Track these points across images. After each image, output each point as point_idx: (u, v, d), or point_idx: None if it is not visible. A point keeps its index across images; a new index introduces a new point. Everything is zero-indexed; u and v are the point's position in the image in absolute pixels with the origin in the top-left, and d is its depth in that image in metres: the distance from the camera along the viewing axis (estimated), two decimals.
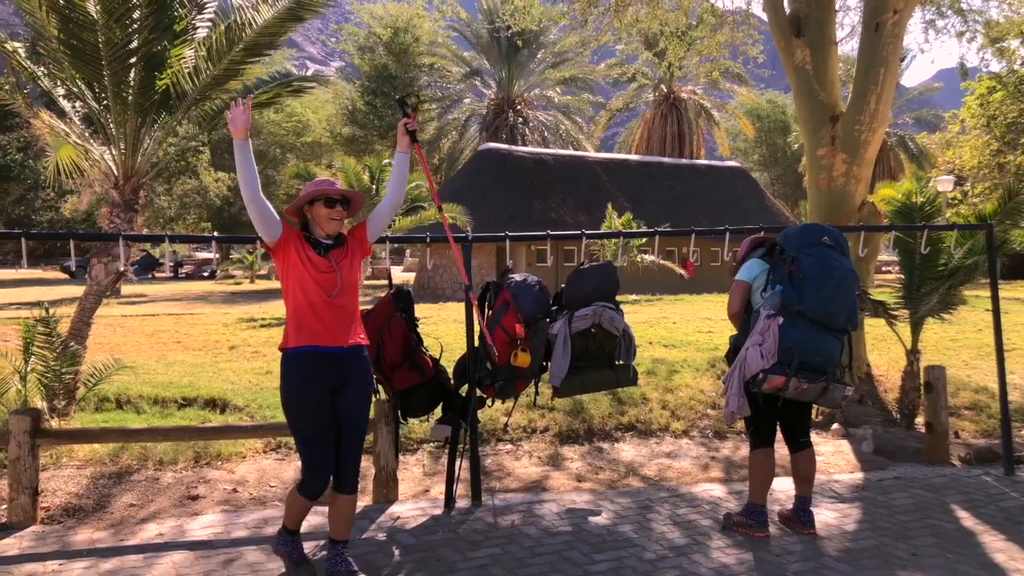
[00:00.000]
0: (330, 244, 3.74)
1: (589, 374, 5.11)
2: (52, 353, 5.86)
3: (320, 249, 3.69)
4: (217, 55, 6.25)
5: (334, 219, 3.74)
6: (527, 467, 6.02)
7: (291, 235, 3.72)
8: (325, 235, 3.76)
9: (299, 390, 3.64)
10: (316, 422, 3.65)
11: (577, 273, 5.14)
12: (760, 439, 4.54)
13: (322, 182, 3.78)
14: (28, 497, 4.60)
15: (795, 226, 4.58)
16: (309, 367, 3.63)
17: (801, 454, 4.60)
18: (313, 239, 3.73)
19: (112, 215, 6.35)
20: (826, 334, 4.22)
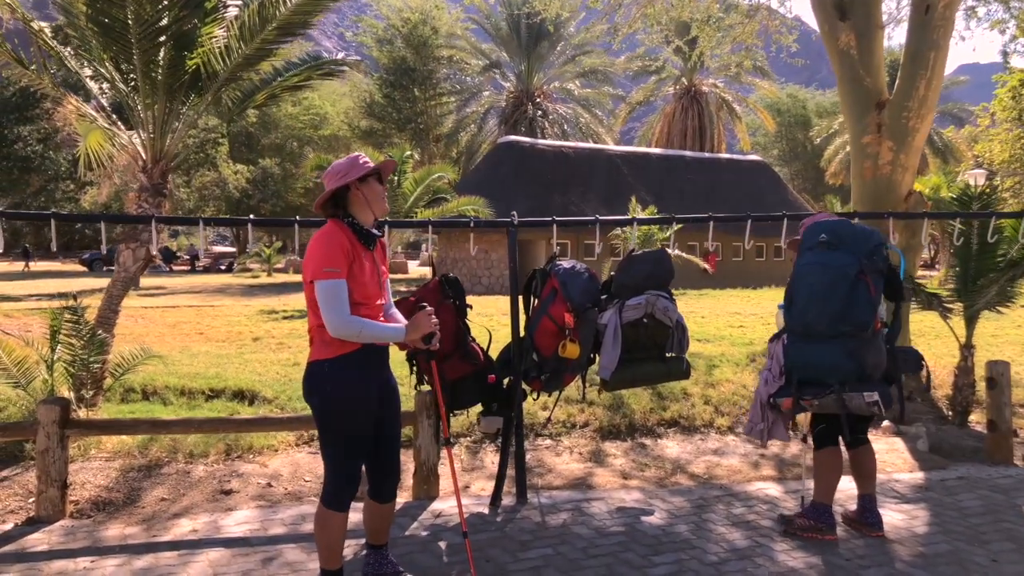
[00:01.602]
0: (376, 235, 3.32)
1: (640, 367, 4.86)
2: (80, 341, 5.67)
3: (370, 243, 3.28)
4: (249, 34, 6.03)
5: (384, 200, 3.33)
6: (569, 463, 5.78)
7: (352, 255, 3.18)
8: (373, 221, 3.34)
9: (354, 388, 3.23)
10: (366, 426, 3.32)
11: (629, 260, 4.89)
12: (825, 439, 4.28)
13: (356, 157, 3.30)
14: (57, 490, 4.41)
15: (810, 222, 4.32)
16: (367, 365, 3.27)
17: (860, 450, 4.36)
18: (363, 231, 3.26)
19: (140, 199, 6.16)
20: (818, 344, 3.95)
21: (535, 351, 4.79)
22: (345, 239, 3.18)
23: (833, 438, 4.27)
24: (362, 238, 3.24)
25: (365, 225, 3.28)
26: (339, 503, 3.30)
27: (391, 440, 3.49)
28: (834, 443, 4.27)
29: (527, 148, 29.28)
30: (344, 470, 3.30)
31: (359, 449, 3.33)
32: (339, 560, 3.35)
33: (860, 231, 4.11)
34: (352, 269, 3.14)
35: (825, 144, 43.92)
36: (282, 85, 6.94)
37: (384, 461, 3.49)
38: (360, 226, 3.26)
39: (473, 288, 26.87)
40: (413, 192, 18.05)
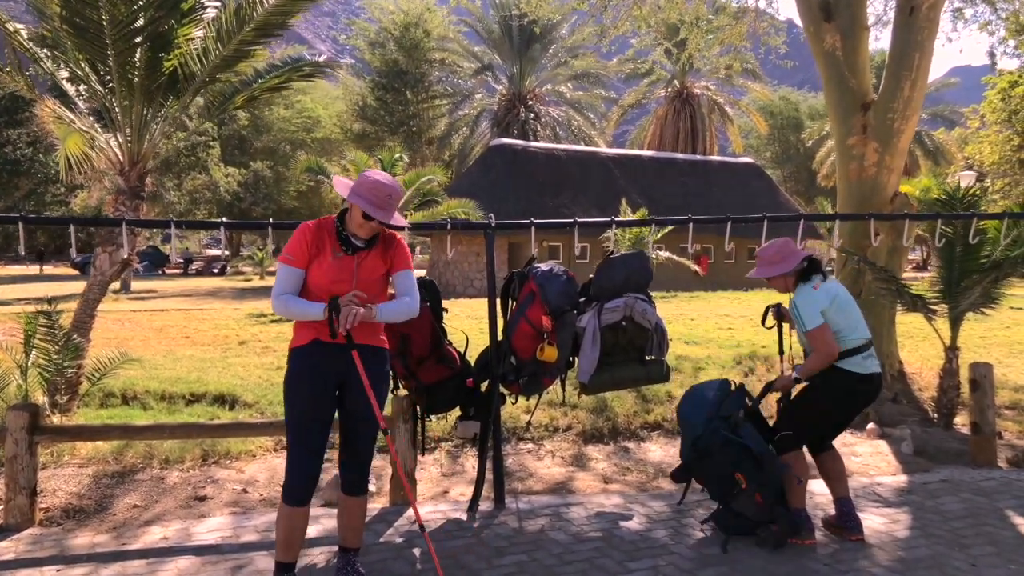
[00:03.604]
0: (360, 246, 3.45)
1: (619, 370, 4.82)
2: (54, 346, 5.60)
3: (348, 248, 3.43)
4: (227, 35, 5.97)
5: (366, 228, 3.41)
6: (550, 467, 5.73)
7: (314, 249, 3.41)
8: (365, 232, 3.44)
9: (297, 383, 3.42)
10: (311, 414, 3.40)
11: (607, 262, 4.85)
12: (789, 444, 4.25)
13: (374, 186, 3.35)
14: (26, 498, 4.34)
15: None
16: (313, 356, 3.41)
17: (827, 454, 4.36)
18: (344, 235, 3.45)
19: (118, 202, 6.10)
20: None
21: (513, 354, 4.73)
22: (316, 234, 3.43)
23: (798, 445, 4.25)
24: (341, 239, 3.43)
25: (350, 231, 3.44)
26: (289, 494, 3.39)
27: (355, 431, 3.53)
28: (797, 448, 4.25)
29: (519, 151, 29.22)
30: (293, 457, 3.39)
31: (305, 437, 3.39)
32: (290, 554, 3.45)
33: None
34: (313, 261, 3.39)
35: (817, 146, 44.01)
36: (262, 87, 6.88)
37: (348, 450, 3.55)
38: (340, 230, 3.46)
39: (466, 291, 26.78)
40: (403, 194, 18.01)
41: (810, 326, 4.19)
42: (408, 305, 3.49)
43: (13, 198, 36.15)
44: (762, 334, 11.33)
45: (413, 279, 3.55)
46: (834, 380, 4.17)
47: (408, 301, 3.49)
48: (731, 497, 4.28)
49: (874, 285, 7.42)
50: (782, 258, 4.40)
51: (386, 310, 3.41)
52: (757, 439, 4.32)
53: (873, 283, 7.45)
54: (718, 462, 4.29)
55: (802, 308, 4.24)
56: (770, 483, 4.19)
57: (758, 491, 4.18)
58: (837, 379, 4.17)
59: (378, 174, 3.42)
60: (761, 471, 4.19)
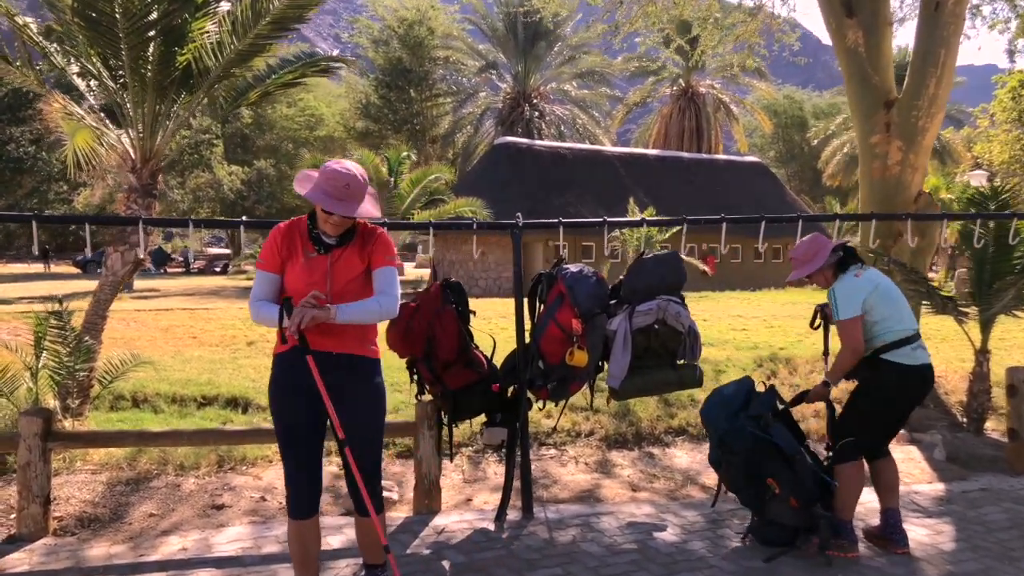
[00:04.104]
0: (332, 244, 3.17)
1: (651, 375, 4.66)
2: (65, 348, 5.44)
3: (320, 247, 3.16)
4: (242, 29, 5.80)
5: (336, 224, 3.13)
6: (575, 474, 5.57)
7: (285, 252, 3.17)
8: (328, 234, 3.18)
9: (276, 391, 3.23)
10: (293, 423, 3.19)
11: (639, 263, 4.68)
12: (852, 452, 4.06)
13: (331, 176, 3.04)
14: (39, 506, 4.18)
15: None
16: (288, 366, 3.17)
17: (882, 462, 4.17)
18: (316, 234, 3.19)
19: (129, 201, 5.93)
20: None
21: (541, 359, 4.58)
22: (287, 236, 3.21)
23: (860, 452, 4.06)
24: (313, 239, 3.19)
25: (321, 230, 3.18)
26: (289, 508, 3.24)
27: (342, 449, 3.21)
28: (859, 457, 4.06)
29: (524, 149, 29.06)
30: (287, 470, 3.24)
31: (292, 448, 3.20)
32: (308, 571, 3.27)
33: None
34: (287, 264, 3.18)
35: (823, 145, 43.80)
36: (276, 82, 6.72)
37: (347, 471, 3.29)
38: (312, 228, 3.22)
39: (471, 291, 26.32)
40: (410, 193, 17.85)
41: (843, 316, 4.04)
42: (377, 305, 3.10)
43: (16, 196, 36.00)
44: (778, 335, 11.18)
45: (392, 276, 3.18)
46: (885, 375, 3.99)
47: (379, 300, 3.11)
48: (764, 504, 4.13)
49: (903, 286, 7.25)
50: (813, 254, 4.25)
51: (348, 311, 3.03)
52: (788, 439, 4.16)
53: (902, 284, 7.28)
54: (746, 461, 4.13)
55: (840, 296, 4.09)
56: (804, 486, 4.03)
57: (792, 495, 4.03)
58: (888, 374, 3.99)
59: (338, 163, 3.12)
60: (793, 473, 4.04)
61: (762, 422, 4.21)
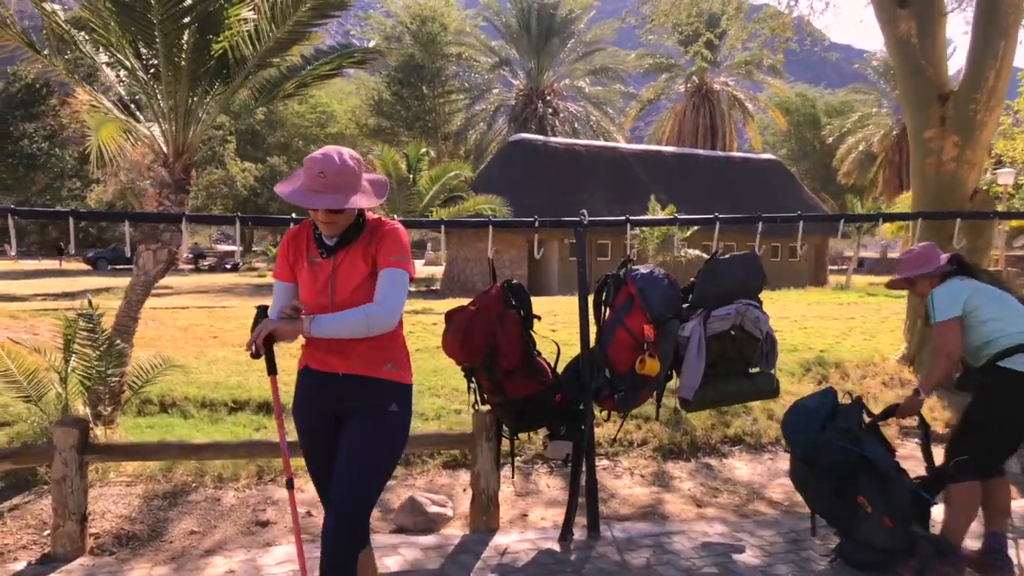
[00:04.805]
0: (332, 247, 2.77)
1: (725, 384, 4.36)
2: (96, 352, 5.15)
3: (324, 250, 2.78)
4: (281, 15, 5.50)
5: (325, 222, 2.70)
6: (632, 487, 5.27)
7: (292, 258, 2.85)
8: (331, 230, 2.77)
9: (295, 404, 2.94)
10: (312, 446, 2.91)
11: (714, 264, 4.38)
12: (971, 469, 3.74)
13: (306, 165, 2.65)
14: (76, 523, 3.90)
15: None
16: (307, 385, 2.87)
17: (998, 481, 3.85)
18: (319, 238, 2.81)
19: (162, 196, 5.65)
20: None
21: (608, 367, 4.28)
22: (294, 241, 2.89)
23: (975, 470, 3.74)
24: (318, 242, 2.82)
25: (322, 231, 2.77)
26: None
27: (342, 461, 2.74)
28: (974, 476, 3.74)
29: (539, 146, 28.77)
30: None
31: (311, 474, 2.97)
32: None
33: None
34: (297, 272, 2.86)
35: (837, 143, 43.39)
36: (312, 73, 6.42)
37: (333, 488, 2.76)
38: (316, 229, 2.82)
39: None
40: (429, 190, 17.54)
41: (939, 317, 3.77)
42: (363, 315, 2.62)
43: (29, 192, 35.85)
44: (814, 337, 10.84)
45: (393, 280, 2.67)
46: (1002, 384, 3.67)
47: (367, 310, 2.62)
48: (854, 524, 3.83)
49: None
50: (926, 260, 3.98)
51: (324, 323, 2.62)
52: (881, 453, 3.86)
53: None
54: (835, 479, 3.83)
55: (938, 298, 3.82)
56: (899, 504, 3.73)
57: (886, 514, 3.72)
58: (1005, 382, 3.66)
59: (320, 151, 2.70)
60: (887, 490, 3.73)
61: (851, 436, 3.91)
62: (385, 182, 2.82)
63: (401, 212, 17.53)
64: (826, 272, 31.89)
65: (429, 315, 15.00)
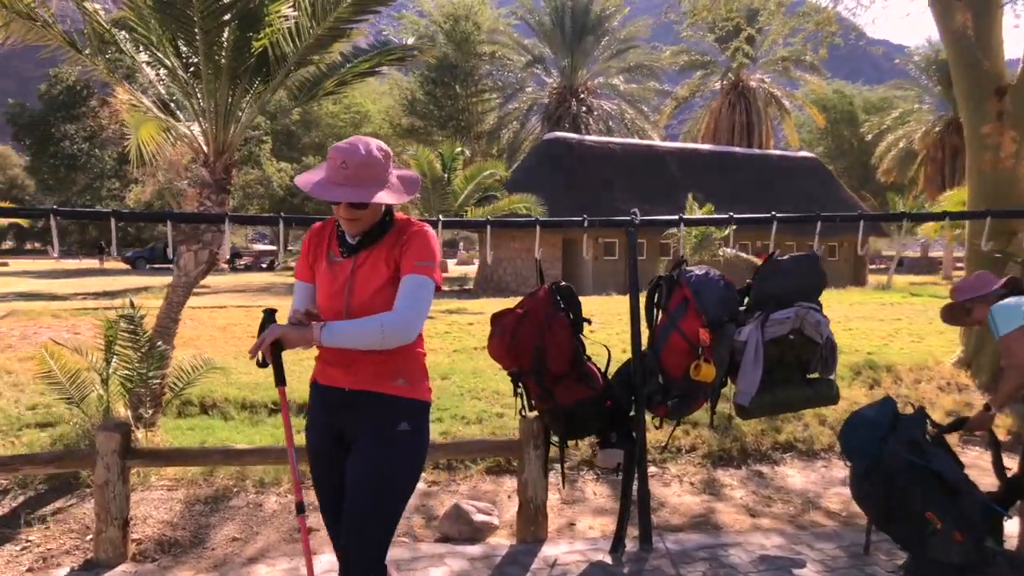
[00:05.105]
0: (354, 245, 2.52)
1: (783, 391, 4.17)
2: (137, 353, 5.10)
3: (345, 249, 2.54)
4: (322, 11, 5.42)
5: (347, 218, 2.46)
6: (681, 496, 5.10)
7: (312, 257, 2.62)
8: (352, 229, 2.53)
9: (307, 428, 2.72)
10: (318, 467, 2.68)
11: (772, 265, 4.20)
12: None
13: (329, 156, 2.42)
14: (118, 529, 3.83)
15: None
16: (314, 402, 2.70)
17: None
18: (342, 236, 2.57)
19: (202, 196, 5.59)
20: None
21: (661, 372, 4.12)
22: (316, 238, 2.65)
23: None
24: (340, 238, 2.58)
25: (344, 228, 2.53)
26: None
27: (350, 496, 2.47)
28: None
29: (573, 144, 28.58)
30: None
31: (319, 496, 2.69)
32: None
33: None
34: (315, 269, 2.61)
35: (876, 141, 42.56)
36: (352, 71, 6.33)
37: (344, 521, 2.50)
38: (338, 226, 2.59)
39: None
40: (464, 190, 17.44)
41: (1005, 330, 3.58)
42: (378, 325, 2.36)
43: (69, 192, 36.44)
44: (860, 339, 10.55)
45: (416, 287, 2.40)
46: None
47: (382, 319, 2.36)
48: (923, 541, 3.62)
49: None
50: (982, 283, 3.85)
51: (336, 331, 2.37)
52: (949, 464, 3.65)
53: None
54: (901, 493, 3.63)
55: (998, 311, 3.65)
56: (971, 518, 3.52)
57: (957, 528, 3.51)
58: None
59: (346, 140, 2.46)
60: (957, 503, 3.53)
61: (915, 448, 3.71)
62: (416, 179, 2.58)
63: (436, 212, 17.45)
64: (866, 272, 31.33)
65: (464, 315, 14.92)
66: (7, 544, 4.03)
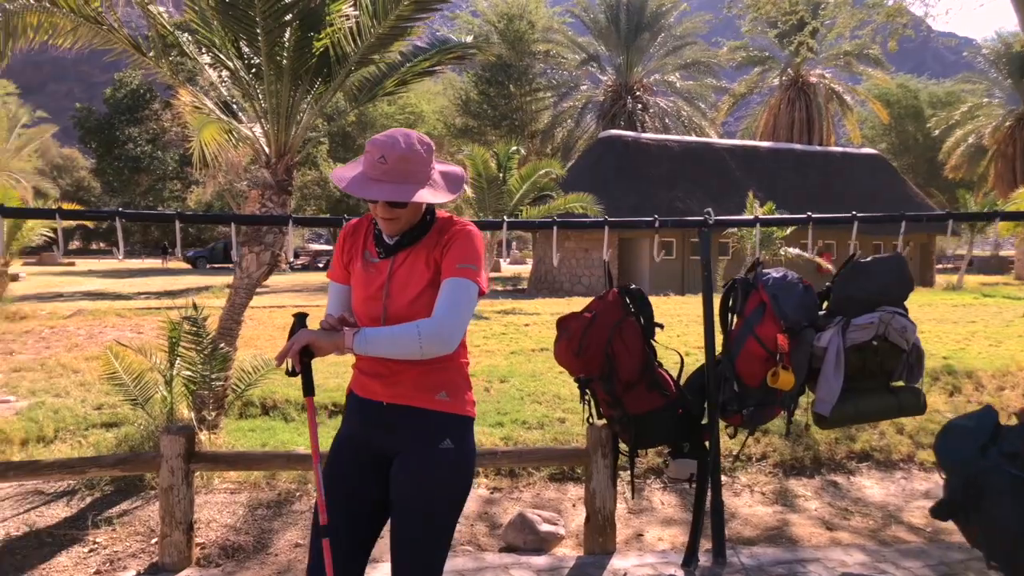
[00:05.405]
0: (392, 245, 2.32)
1: (865, 400, 3.96)
2: (200, 355, 5.10)
3: (383, 249, 2.34)
4: (383, 10, 5.35)
5: (384, 218, 2.26)
6: (753, 506, 4.90)
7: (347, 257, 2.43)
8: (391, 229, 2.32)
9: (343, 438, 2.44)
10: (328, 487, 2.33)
11: (856, 268, 3.98)
12: None
13: (367, 150, 2.22)
14: (182, 534, 3.80)
15: None
16: (350, 415, 2.45)
17: None
18: (379, 235, 2.37)
19: (264, 198, 5.58)
20: None
21: (736, 379, 3.94)
22: (351, 237, 2.43)
23: None
24: (377, 239, 2.37)
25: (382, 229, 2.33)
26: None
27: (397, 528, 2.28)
28: None
29: (630, 142, 28.27)
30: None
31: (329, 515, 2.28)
32: None
33: None
34: (350, 270, 2.41)
35: (944, 136, 41.22)
36: (412, 70, 6.27)
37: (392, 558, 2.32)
38: (375, 225, 2.38)
39: (574, 288, 26.03)
40: (519, 189, 17.31)
41: None
42: (416, 333, 2.14)
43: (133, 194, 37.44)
44: (933, 342, 10.14)
45: (457, 292, 2.20)
46: None
47: (419, 327, 2.15)
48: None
49: None
50: None
51: (371, 339, 2.16)
52: None
53: None
54: (1004, 510, 3.39)
55: None
56: None
57: None
58: None
59: (385, 132, 2.25)
60: None
61: (1020, 462, 3.47)
62: (461, 175, 2.37)
63: (491, 212, 17.38)
64: (933, 272, 30.36)
65: (519, 315, 14.82)
66: (75, 545, 4.04)
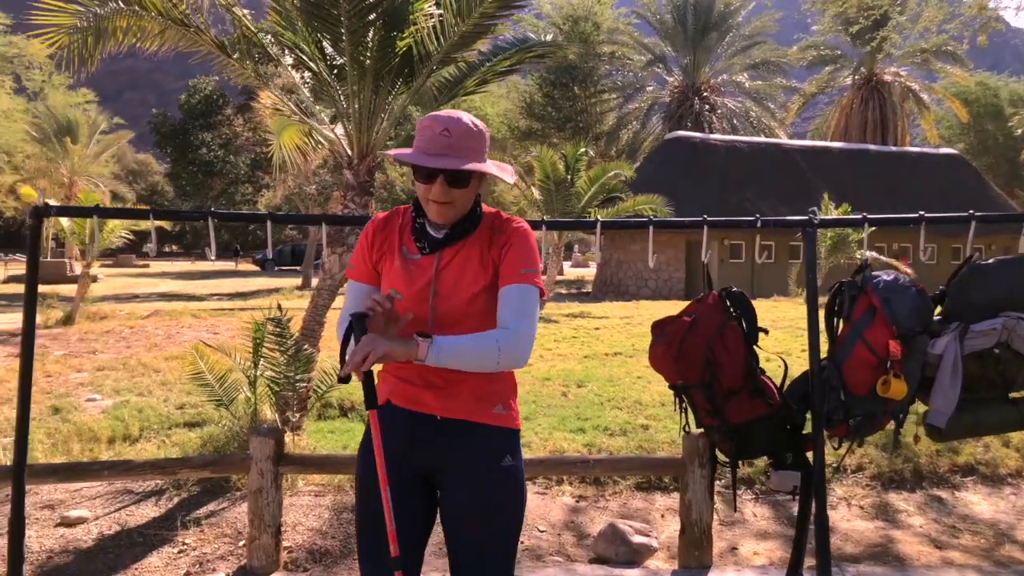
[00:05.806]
0: (440, 239, 2.12)
1: (984, 411, 3.70)
2: (284, 356, 5.09)
3: (426, 244, 2.14)
4: (467, 8, 5.27)
5: (441, 202, 2.05)
6: (852, 521, 4.67)
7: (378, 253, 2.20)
8: (436, 224, 2.14)
9: (362, 448, 2.18)
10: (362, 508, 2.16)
11: (974, 271, 3.73)
12: None
13: (425, 127, 2.04)
14: (271, 537, 3.77)
15: None
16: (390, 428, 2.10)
17: None
18: (421, 225, 2.17)
19: (346, 199, 5.56)
20: None
21: (842, 388, 3.73)
22: (383, 231, 2.22)
23: None
24: (416, 233, 2.17)
25: (427, 219, 2.14)
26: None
27: (453, 558, 2.14)
28: None
29: (697, 143, 27.88)
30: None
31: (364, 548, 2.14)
32: None
33: None
34: (380, 267, 2.19)
35: None
36: (492, 69, 6.19)
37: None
38: (416, 218, 2.18)
39: (639, 291, 25.73)
40: (587, 191, 17.13)
41: None
42: (496, 346, 1.96)
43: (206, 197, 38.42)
44: None
45: (525, 300, 2.03)
46: None
47: (499, 339, 1.97)
48: None
49: None
50: None
51: (449, 348, 1.94)
52: None
53: None
54: None
55: None
56: None
57: None
58: None
59: (443, 111, 2.11)
60: None
61: None
62: (511, 168, 2.19)
63: (558, 213, 17.22)
64: None
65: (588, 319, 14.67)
66: (166, 546, 4.05)
